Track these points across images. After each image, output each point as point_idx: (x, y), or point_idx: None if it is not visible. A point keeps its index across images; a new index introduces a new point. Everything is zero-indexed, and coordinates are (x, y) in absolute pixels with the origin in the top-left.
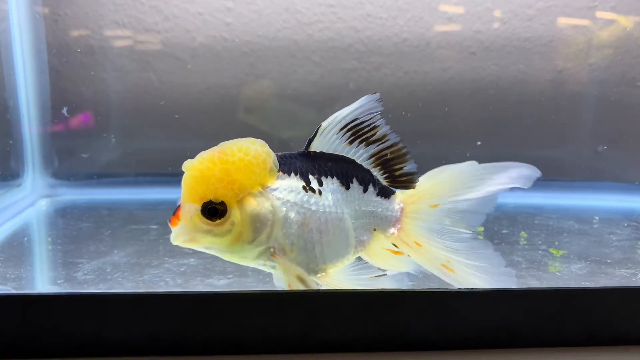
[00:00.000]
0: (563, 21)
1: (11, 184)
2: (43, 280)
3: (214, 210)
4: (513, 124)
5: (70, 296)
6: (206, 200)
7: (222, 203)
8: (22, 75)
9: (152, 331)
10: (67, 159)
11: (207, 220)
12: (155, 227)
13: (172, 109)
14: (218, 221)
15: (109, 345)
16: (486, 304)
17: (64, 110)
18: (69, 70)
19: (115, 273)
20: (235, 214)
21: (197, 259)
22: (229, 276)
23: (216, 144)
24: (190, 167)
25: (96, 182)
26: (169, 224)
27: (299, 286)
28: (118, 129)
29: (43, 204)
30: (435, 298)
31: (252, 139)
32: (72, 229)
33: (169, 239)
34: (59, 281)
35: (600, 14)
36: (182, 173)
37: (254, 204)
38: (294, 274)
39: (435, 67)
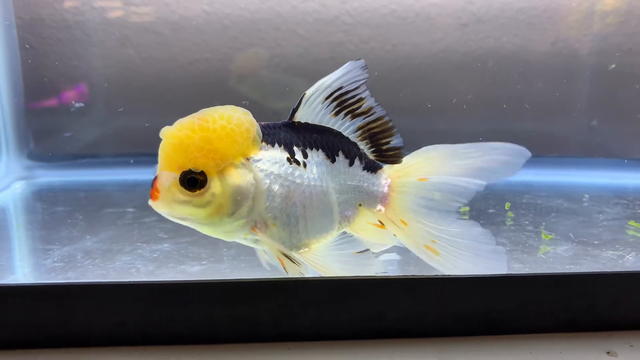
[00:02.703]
0: None
1: None
2: (9, 269)
3: (193, 181)
4: (505, 98)
5: (33, 287)
6: (185, 169)
7: (202, 173)
8: None
9: (119, 321)
10: (43, 140)
11: (186, 191)
12: (131, 210)
13: (153, 85)
14: (197, 192)
15: (75, 336)
16: (465, 290)
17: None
18: (44, 46)
19: (85, 260)
20: (215, 185)
21: (171, 245)
22: (203, 262)
23: None
24: (168, 134)
25: (74, 163)
26: (150, 199)
27: (285, 260)
28: (96, 107)
29: (18, 187)
30: (412, 285)
31: (233, 106)
32: (46, 213)
33: (144, 222)
34: (26, 270)
35: None
36: None
37: (235, 176)
38: (276, 250)
39: (425, 39)
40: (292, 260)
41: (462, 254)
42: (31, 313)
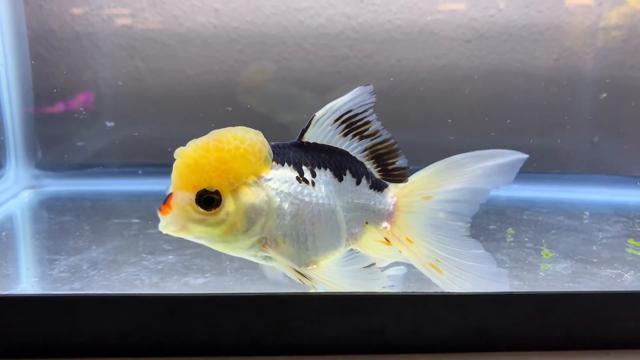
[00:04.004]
0: (560, 8)
1: None
2: (17, 279)
3: (209, 200)
4: (507, 114)
5: (40, 298)
6: (200, 189)
7: (217, 192)
8: (3, 62)
9: (124, 332)
10: (51, 149)
11: (201, 210)
12: (136, 221)
13: (160, 97)
14: (213, 211)
15: (79, 347)
16: (465, 307)
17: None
18: (54, 57)
19: (91, 271)
20: (229, 204)
21: (175, 257)
22: (207, 275)
23: (204, 133)
24: (183, 154)
25: (81, 172)
26: (159, 213)
27: (296, 275)
28: (104, 117)
29: (26, 196)
30: (412, 301)
31: (245, 127)
32: (53, 223)
33: (149, 234)
34: (34, 279)
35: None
36: (168, 164)
37: (249, 194)
38: (287, 266)
39: (429, 55)
40: (303, 276)
41: (465, 274)
42: (38, 323)
